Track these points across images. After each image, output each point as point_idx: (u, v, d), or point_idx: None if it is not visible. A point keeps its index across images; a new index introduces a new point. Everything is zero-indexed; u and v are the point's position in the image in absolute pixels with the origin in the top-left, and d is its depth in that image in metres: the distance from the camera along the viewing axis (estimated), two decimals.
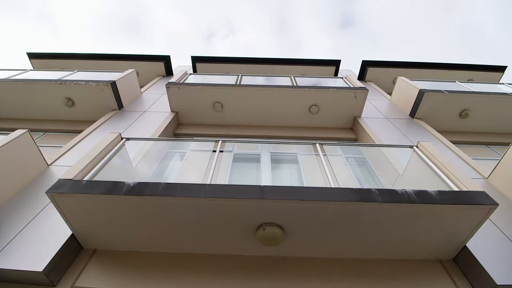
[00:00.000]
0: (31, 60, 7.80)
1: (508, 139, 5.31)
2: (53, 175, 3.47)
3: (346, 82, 5.77)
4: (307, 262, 2.65)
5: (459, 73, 7.86)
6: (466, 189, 2.41)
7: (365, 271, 2.60)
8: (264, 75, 6.42)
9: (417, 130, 4.94)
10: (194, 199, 2.23)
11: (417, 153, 3.10)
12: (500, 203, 3.12)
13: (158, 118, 5.18)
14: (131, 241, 2.64)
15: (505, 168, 3.37)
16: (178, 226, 2.49)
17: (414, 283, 2.49)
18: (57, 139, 5.06)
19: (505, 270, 2.34)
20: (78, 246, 2.63)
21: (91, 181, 2.37)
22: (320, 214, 2.33)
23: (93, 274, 2.48)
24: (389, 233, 2.48)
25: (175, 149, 3.97)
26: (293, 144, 4.27)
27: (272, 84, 5.38)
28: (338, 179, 3.32)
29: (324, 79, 6.23)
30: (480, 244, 2.59)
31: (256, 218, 2.38)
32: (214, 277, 2.52)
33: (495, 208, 2.23)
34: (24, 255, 2.36)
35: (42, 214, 2.81)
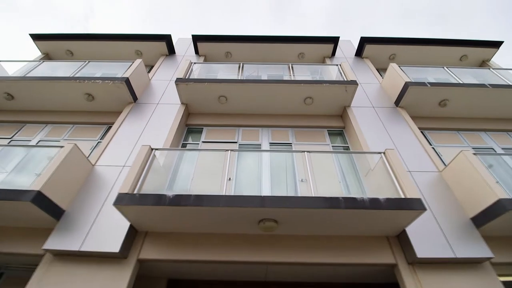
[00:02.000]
0: (35, 42, 7.90)
1: (477, 125, 6.06)
2: (99, 174, 4.44)
3: (340, 71, 6.19)
4: (293, 238, 3.82)
5: (454, 49, 7.99)
6: (408, 196, 3.37)
7: (334, 243, 3.79)
8: (263, 63, 6.75)
9: (396, 121, 5.66)
10: (215, 208, 3.24)
11: (383, 160, 3.96)
12: (443, 196, 4.20)
13: (171, 110, 5.87)
14: (171, 226, 3.77)
15: (454, 167, 4.29)
16: (203, 220, 3.57)
17: (368, 250, 3.71)
18: (86, 131, 5.86)
19: (425, 248, 3.50)
20: (134, 230, 3.78)
21: (142, 194, 3.34)
22: (303, 214, 3.37)
23: (148, 248, 3.69)
24: (352, 222, 3.56)
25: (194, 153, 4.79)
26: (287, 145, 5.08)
27: (270, 79, 5.85)
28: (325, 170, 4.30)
29: (321, 66, 6.60)
30: (416, 228, 3.69)
31: (258, 216, 3.44)
32: (230, 247, 3.73)
33: (424, 212, 3.24)
34: (102, 241, 3.51)
35: (104, 209, 3.89)
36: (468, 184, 3.97)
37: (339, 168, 4.56)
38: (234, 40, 7.90)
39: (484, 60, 8.31)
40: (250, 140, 5.71)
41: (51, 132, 5.81)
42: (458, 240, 3.64)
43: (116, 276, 3.36)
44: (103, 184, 4.27)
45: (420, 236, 3.64)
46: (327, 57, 8.15)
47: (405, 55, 8.14)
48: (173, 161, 4.60)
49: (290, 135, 5.82)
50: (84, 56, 8.16)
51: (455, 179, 4.24)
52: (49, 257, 3.55)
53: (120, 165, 4.55)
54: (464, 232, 3.74)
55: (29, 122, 6.01)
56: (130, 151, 4.84)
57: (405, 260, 3.60)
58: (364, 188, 4.29)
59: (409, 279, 3.42)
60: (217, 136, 5.79)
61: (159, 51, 8.04)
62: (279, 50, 8.03)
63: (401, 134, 5.33)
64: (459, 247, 3.55)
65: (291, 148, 5.53)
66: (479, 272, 3.51)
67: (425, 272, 3.46)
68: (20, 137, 5.73)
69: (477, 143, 5.79)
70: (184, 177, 4.41)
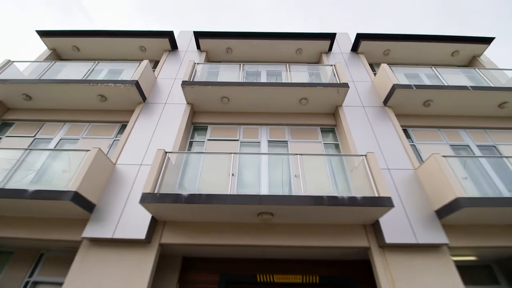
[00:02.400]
0: (42, 38, 8.15)
1: (457, 122, 6.64)
2: (120, 172, 5.12)
3: (334, 72, 6.62)
4: (286, 226, 4.60)
5: (446, 45, 8.29)
6: (381, 195, 4.08)
7: (320, 230, 4.58)
8: (263, 64, 7.15)
9: (382, 121, 6.23)
10: (223, 205, 3.97)
11: (364, 161, 4.62)
12: (415, 191, 4.92)
13: (178, 110, 6.41)
14: (185, 217, 4.53)
15: (426, 167, 4.97)
16: (212, 213, 4.32)
17: (347, 235, 4.51)
18: (102, 129, 6.44)
19: (393, 235, 4.29)
20: (155, 220, 4.55)
21: (162, 194, 4.04)
22: (294, 209, 4.10)
23: (167, 234, 4.49)
24: (334, 215, 4.32)
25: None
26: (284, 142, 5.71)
27: (269, 82, 6.30)
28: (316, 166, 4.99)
29: (316, 66, 7.02)
30: (388, 217, 4.45)
31: (257, 211, 4.18)
32: (234, 233, 4.53)
33: (392, 208, 3.98)
34: (130, 229, 4.29)
35: (128, 203, 4.63)
36: (435, 182, 4.68)
37: (329, 165, 5.26)
38: (235, 37, 8.17)
39: (475, 56, 8.64)
40: (251, 138, 6.33)
41: (70, 130, 6.40)
42: (421, 228, 4.43)
43: (143, 257, 4.18)
44: (124, 181, 4.97)
45: (390, 224, 4.43)
46: (324, 52, 8.48)
47: (399, 51, 8.47)
48: (183, 159, 5.28)
49: (286, 133, 6.43)
50: (90, 51, 8.48)
51: (426, 177, 4.94)
52: (87, 243, 4.36)
53: (138, 164, 5.23)
54: (428, 222, 4.53)
55: (48, 121, 6.58)
56: (145, 150, 5.49)
57: (377, 244, 4.42)
58: (349, 182, 5.02)
59: (379, 259, 4.26)
60: (220, 134, 6.40)
61: (162, 47, 8.34)
62: (277, 46, 8.33)
63: (386, 133, 5.94)
64: (422, 234, 4.35)
65: (287, 145, 6.18)
66: (437, 254, 4.34)
67: (392, 254, 4.30)
68: (42, 135, 6.34)
69: (455, 140, 6.42)
70: (193, 173, 5.12)
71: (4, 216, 4.76)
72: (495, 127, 6.64)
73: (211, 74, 7.39)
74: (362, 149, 5.57)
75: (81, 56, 8.59)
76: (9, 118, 6.62)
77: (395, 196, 4.81)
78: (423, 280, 4.08)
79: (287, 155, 5.14)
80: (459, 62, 8.84)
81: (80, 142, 6.13)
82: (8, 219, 4.76)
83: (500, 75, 7.31)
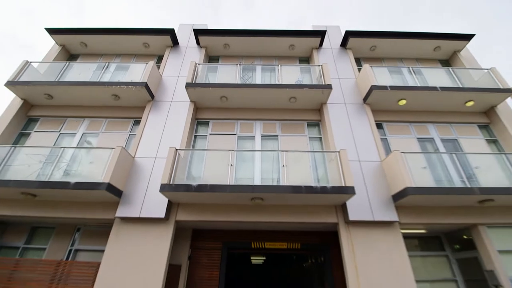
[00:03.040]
0: (52, 35, 8.70)
1: (426, 117, 7.61)
2: (139, 164, 6.23)
3: (320, 72, 7.43)
4: (273, 207, 5.84)
5: (429, 41, 8.90)
6: (347, 185, 5.24)
7: (300, 210, 5.83)
8: (258, 64, 7.90)
9: (360, 117, 7.20)
10: (225, 193, 5.15)
11: (337, 157, 5.71)
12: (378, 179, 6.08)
13: (183, 107, 7.34)
14: (195, 201, 5.76)
15: (388, 161, 6.08)
16: (216, 198, 5.52)
17: (321, 214, 5.77)
18: (118, 124, 7.42)
19: (356, 213, 5.55)
20: (171, 203, 5.77)
21: (176, 184, 5.20)
22: (279, 195, 5.29)
23: (181, 213, 5.74)
24: (310, 199, 5.53)
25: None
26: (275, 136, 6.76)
27: (262, 84, 7.10)
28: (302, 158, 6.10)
29: (306, 65, 7.79)
30: (353, 200, 5.68)
31: (250, 196, 5.37)
32: (233, 212, 5.77)
33: (352, 195, 5.17)
34: (152, 210, 5.52)
35: (148, 190, 5.81)
36: (393, 173, 5.84)
37: (312, 156, 6.37)
38: (232, 34, 8.75)
39: (456, 51, 9.31)
40: (247, 132, 7.34)
41: (90, 125, 7.38)
42: (379, 209, 5.69)
43: (163, 231, 5.47)
44: (143, 171, 6.11)
45: (355, 206, 5.67)
46: (315, 48, 9.12)
47: (385, 47, 9.12)
48: (189, 153, 6.37)
49: (277, 128, 7.43)
50: (97, 47, 9.09)
51: (388, 169, 6.09)
52: (118, 221, 5.62)
53: (153, 157, 6.32)
54: (384, 204, 5.77)
55: (69, 117, 7.51)
56: (158, 144, 6.55)
57: (344, 220, 5.70)
58: (327, 170, 6.16)
59: (344, 232, 5.57)
60: (220, 129, 7.40)
61: (164, 43, 8.95)
62: (272, 42, 8.94)
63: (361, 129, 6.96)
64: (378, 213, 5.62)
65: (278, 139, 7.23)
66: (389, 229, 5.65)
67: (354, 228, 5.60)
68: (66, 131, 7.33)
69: (423, 134, 7.47)
70: (199, 164, 6.25)
71: (46, 200, 5.94)
72: (459, 121, 7.65)
73: (211, 69, 8.17)
74: (340, 143, 6.65)
75: (88, 51, 9.22)
76: (34, 114, 7.55)
77: (362, 183, 6.00)
78: (376, 246, 5.43)
79: (276, 151, 6.20)
80: (441, 57, 9.53)
81: (100, 136, 7.15)
82: (49, 202, 5.95)
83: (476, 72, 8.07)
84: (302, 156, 6.34)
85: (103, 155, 5.81)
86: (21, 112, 7.36)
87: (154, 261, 5.15)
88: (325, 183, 5.80)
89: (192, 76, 7.16)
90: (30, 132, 7.35)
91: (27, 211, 5.89)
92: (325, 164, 6.28)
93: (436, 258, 6.80)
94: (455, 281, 6.45)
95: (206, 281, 6.03)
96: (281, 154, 6.06)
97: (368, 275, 5.13)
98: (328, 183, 5.72)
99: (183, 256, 6.16)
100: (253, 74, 7.86)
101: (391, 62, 9.46)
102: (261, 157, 6.13)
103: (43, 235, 6.70)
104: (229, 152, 5.87)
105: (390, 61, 9.46)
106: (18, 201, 5.88)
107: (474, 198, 5.56)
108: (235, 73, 7.53)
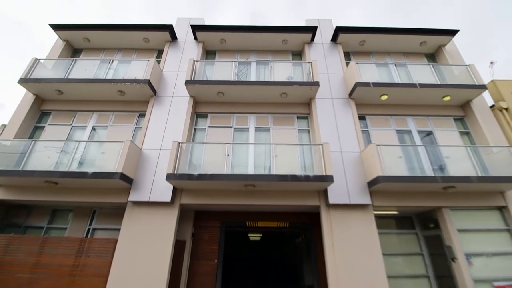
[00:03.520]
0: (56, 31, 9.10)
1: (405, 111, 8.32)
2: (146, 155, 7.02)
3: (310, 69, 8.01)
4: (264, 192, 6.73)
5: (415, 36, 9.36)
6: (327, 174, 6.08)
7: (287, 194, 6.72)
8: (253, 60, 8.44)
9: (344, 111, 7.91)
10: (222, 181, 6.00)
11: (320, 149, 6.51)
12: (357, 168, 6.93)
13: (183, 102, 8.00)
14: (196, 187, 6.63)
15: (366, 152, 6.88)
16: (214, 185, 6.38)
17: (306, 197, 6.68)
18: (124, 118, 8.11)
19: (335, 198, 6.46)
20: (175, 188, 6.64)
21: (180, 174, 6.03)
22: (269, 182, 6.15)
23: (185, 198, 6.64)
24: (296, 186, 6.40)
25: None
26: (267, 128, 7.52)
27: (256, 81, 7.70)
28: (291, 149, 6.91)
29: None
30: (334, 186, 6.56)
31: (244, 183, 6.22)
32: (229, 197, 6.67)
33: (331, 183, 6.03)
34: (160, 195, 6.40)
35: (156, 178, 6.65)
36: (370, 163, 6.67)
37: (301, 147, 7.17)
38: (227, 30, 9.17)
39: (441, 45, 9.79)
40: (242, 125, 8.07)
41: (99, 119, 8.08)
42: (355, 194, 6.58)
43: (170, 212, 6.39)
44: (150, 161, 6.92)
45: (334, 191, 6.56)
46: (306, 43, 9.58)
47: (373, 41, 9.59)
48: (190, 145, 7.16)
49: (270, 121, 8.15)
50: (99, 42, 9.53)
51: (365, 159, 6.92)
52: (131, 204, 6.52)
53: (158, 148, 7.10)
54: (361, 189, 6.66)
55: (79, 111, 8.19)
56: (162, 137, 7.30)
57: (325, 204, 6.62)
58: (313, 160, 6.99)
59: (325, 213, 6.51)
60: (218, 122, 8.12)
61: (163, 38, 9.39)
62: (266, 38, 9.38)
63: (345, 122, 7.69)
64: (354, 198, 6.52)
65: (270, 131, 7.97)
66: (363, 211, 6.58)
67: (333, 210, 6.53)
68: (77, 124, 8.04)
69: (401, 126, 8.22)
70: (199, 154, 7.05)
71: (65, 187, 6.78)
72: (437, 114, 8.37)
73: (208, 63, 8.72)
74: (325, 135, 7.42)
75: (91, 45, 9.66)
76: (46, 108, 8.21)
77: (342, 172, 6.85)
78: (351, 224, 6.40)
79: (268, 144, 6.98)
80: (427, 51, 10.02)
81: (109, 129, 7.88)
82: (68, 189, 6.80)
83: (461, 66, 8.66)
84: (291, 148, 7.14)
85: (114, 148, 6.58)
86: (34, 107, 8.02)
87: (163, 237, 6.12)
88: (311, 171, 6.68)
89: (191, 73, 7.76)
90: (44, 125, 8.06)
91: (49, 196, 6.76)
92: (312, 154, 7.10)
93: (408, 235, 7.85)
94: (422, 254, 7.53)
95: (208, 254, 7.09)
96: (272, 146, 6.86)
97: (343, 249, 6.14)
98: (313, 171, 6.59)
99: (187, 233, 7.16)
100: (248, 68, 8.44)
101: (379, 56, 9.98)
102: (254, 148, 6.93)
103: (63, 216, 7.65)
104: (226, 144, 6.66)
105: (378, 55, 9.97)
106: (41, 188, 6.74)
107: (439, 185, 6.44)
108: (231, 69, 8.11)
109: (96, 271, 6.04)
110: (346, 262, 5.99)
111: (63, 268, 6.11)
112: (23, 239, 6.48)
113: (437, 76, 8.26)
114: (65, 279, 6.01)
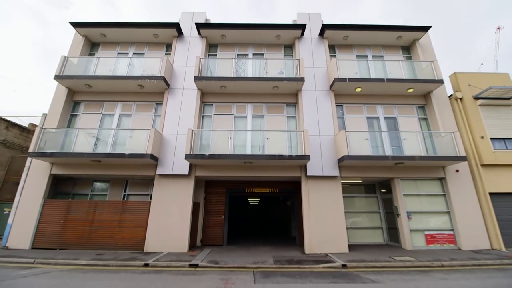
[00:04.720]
0: (76, 29, 10.30)
1: (376, 100, 10.10)
2: (166, 139, 8.95)
3: (297, 66, 9.58)
4: (259, 167, 8.84)
5: (392, 32, 10.68)
6: (306, 153, 8.10)
7: (276, 168, 8.85)
8: (251, 58, 9.93)
9: (325, 101, 9.66)
10: (227, 159, 8.05)
11: (302, 134, 8.44)
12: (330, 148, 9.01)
13: (192, 93, 9.70)
14: (207, 164, 8.72)
15: (338, 136, 8.85)
16: (221, 161, 8.44)
17: (291, 171, 8.83)
18: (144, 107, 9.85)
19: (312, 170, 8.61)
20: (191, 165, 8.73)
21: (195, 154, 8.04)
22: (262, 160, 8.20)
23: (198, 171, 8.77)
24: (283, 163, 8.47)
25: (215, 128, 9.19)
26: (262, 115, 9.40)
27: (252, 77, 9.28)
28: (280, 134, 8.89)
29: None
30: (312, 162, 8.66)
31: (243, 161, 8.28)
32: (232, 170, 8.80)
33: (309, 161, 8.10)
34: (179, 169, 8.51)
35: (176, 157, 8.68)
36: (339, 145, 8.67)
37: (288, 133, 9.11)
38: (227, 27, 10.42)
39: (415, 39, 11.16)
40: (241, 112, 9.87)
41: (124, 108, 9.82)
42: (327, 168, 8.70)
43: (187, 182, 8.55)
44: (170, 144, 8.87)
45: (312, 166, 8.67)
46: (297, 38, 10.89)
47: (355, 36, 10.93)
48: (200, 131, 9.07)
49: (264, 109, 9.94)
50: (114, 37, 10.80)
51: (337, 142, 8.91)
52: (158, 176, 8.64)
53: (175, 133, 9.01)
54: (332, 165, 8.76)
55: (106, 101, 9.88)
56: (178, 123, 9.16)
57: (305, 175, 8.77)
58: (298, 142, 8.97)
59: (304, 182, 8.70)
60: (222, 110, 9.90)
61: (171, 34, 10.66)
62: (261, 33, 10.66)
63: (325, 111, 9.52)
64: (327, 170, 8.65)
65: (264, 118, 9.81)
66: (333, 180, 8.76)
67: (310, 180, 8.71)
68: (106, 112, 9.80)
69: (371, 113, 10.07)
70: (207, 137, 8.99)
71: (106, 164, 8.81)
72: (401, 103, 10.16)
73: (211, 57, 10.18)
74: (308, 122, 9.30)
75: (108, 40, 10.93)
76: (78, 99, 9.90)
77: (319, 151, 8.88)
78: (323, 190, 8.61)
79: (262, 131, 8.89)
80: (403, 44, 11.41)
81: (133, 117, 9.68)
82: (107, 165, 8.84)
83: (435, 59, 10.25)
84: (281, 133, 9.07)
85: (141, 133, 8.49)
86: (68, 98, 9.70)
87: (184, 200, 8.36)
88: (296, 151, 8.68)
89: (198, 69, 9.34)
90: (78, 113, 9.82)
91: (93, 171, 8.82)
92: (297, 137, 9.06)
93: (371, 199, 10.22)
94: (379, 212, 9.96)
95: (216, 212, 9.46)
96: (265, 132, 8.80)
97: (315, 207, 8.42)
98: (297, 151, 8.61)
99: (200, 197, 9.44)
100: (245, 62, 9.98)
101: (360, 48, 11.39)
102: (251, 133, 8.87)
103: (103, 186, 9.82)
104: (229, 129, 8.58)
105: (359, 47, 11.38)
106: (86, 165, 8.78)
107: (391, 162, 8.53)
108: (231, 65, 9.66)
109: (137, 223, 8.36)
110: (317, 216, 8.32)
111: (112, 222, 8.41)
112: (80, 203, 8.70)
113: (406, 70, 9.89)
114: (115, 229, 8.35)
